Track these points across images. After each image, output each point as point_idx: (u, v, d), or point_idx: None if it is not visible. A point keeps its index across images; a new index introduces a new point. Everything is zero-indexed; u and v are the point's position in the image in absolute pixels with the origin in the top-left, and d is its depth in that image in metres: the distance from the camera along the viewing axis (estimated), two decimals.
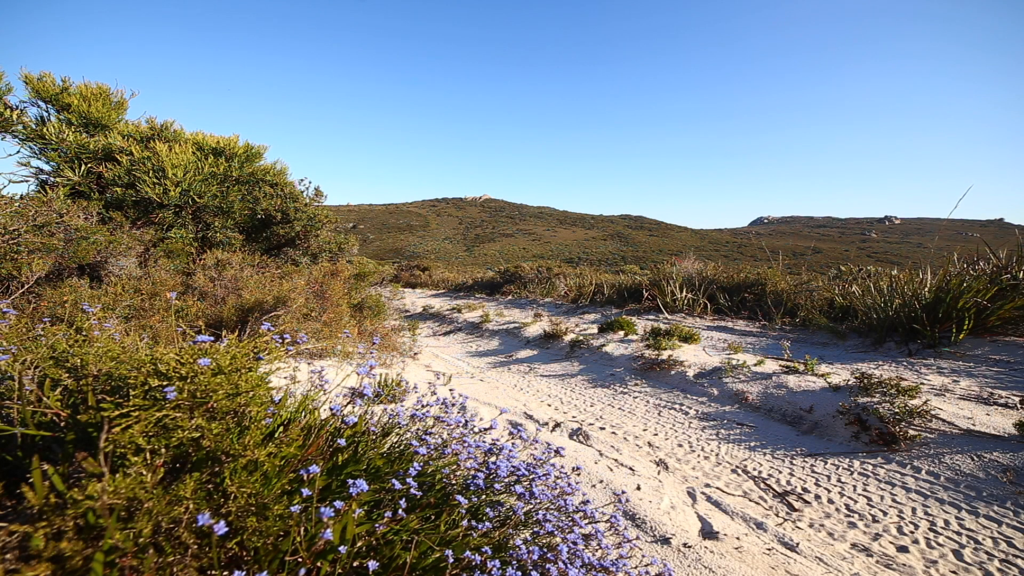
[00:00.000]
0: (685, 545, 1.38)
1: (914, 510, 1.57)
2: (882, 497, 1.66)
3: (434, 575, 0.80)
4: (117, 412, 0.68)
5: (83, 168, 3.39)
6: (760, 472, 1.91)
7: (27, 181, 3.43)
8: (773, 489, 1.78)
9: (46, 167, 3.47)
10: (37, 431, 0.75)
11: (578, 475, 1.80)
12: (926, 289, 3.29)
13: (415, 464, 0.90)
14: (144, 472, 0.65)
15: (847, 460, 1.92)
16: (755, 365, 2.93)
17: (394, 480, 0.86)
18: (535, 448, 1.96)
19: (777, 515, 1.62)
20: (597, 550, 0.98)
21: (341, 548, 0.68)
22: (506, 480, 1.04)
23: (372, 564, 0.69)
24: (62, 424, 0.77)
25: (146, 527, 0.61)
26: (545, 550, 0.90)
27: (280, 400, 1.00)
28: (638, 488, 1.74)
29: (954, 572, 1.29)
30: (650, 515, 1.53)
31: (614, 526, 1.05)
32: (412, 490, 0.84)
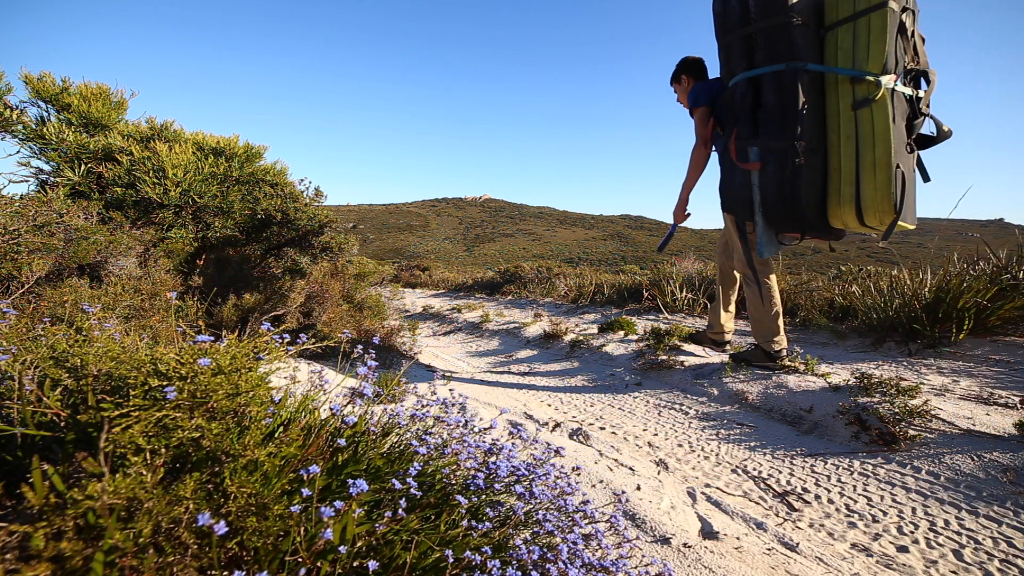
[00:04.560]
0: (685, 545, 1.38)
1: (914, 510, 1.57)
2: (882, 497, 1.66)
3: (434, 575, 0.80)
4: (117, 412, 0.68)
5: (83, 168, 3.39)
6: (760, 472, 1.91)
7: (27, 181, 3.43)
8: (773, 489, 1.78)
9: (46, 167, 3.47)
10: (37, 431, 0.75)
11: (578, 475, 1.80)
12: (926, 289, 3.28)
13: (415, 464, 0.90)
14: (144, 472, 0.65)
15: (847, 460, 1.92)
16: None
17: (394, 480, 0.86)
18: (535, 448, 1.96)
19: (777, 515, 1.62)
20: (597, 550, 0.98)
21: (341, 548, 0.68)
22: (506, 480, 1.04)
23: (372, 564, 0.69)
24: (62, 424, 0.77)
25: (146, 527, 0.61)
26: (545, 550, 0.90)
27: (280, 400, 1.00)
28: (638, 488, 1.74)
29: (954, 572, 1.29)
30: (650, 515, 1.53)
31: (614, 526, 1.05)
32: (412, 490, 0.84)
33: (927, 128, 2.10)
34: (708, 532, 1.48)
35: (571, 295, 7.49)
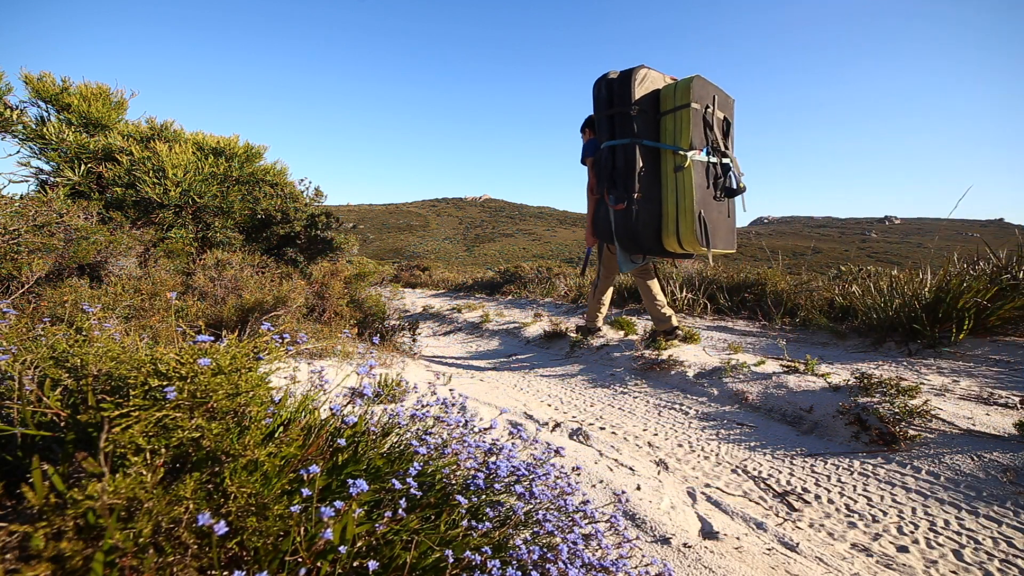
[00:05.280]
0: (685, 545, 1.38)
1: (914, 510, 1.57)
2: (882, 497, 1.66)
3: (434, 575, 0.80)
4: (117, 412, 0.68)
5: (83, 168, 3.39)
6: (760, 472, 1.91)
7: (27, 181, 3.43)
8: (773, 489, 1.78)
9: (46, 167, 3.47)
10: (37, 431, 0.75)
11: (578, 475, 1.80)
12: (926, 289, 3.28)
13: (415, 464, 0.90)
14: (144, 472, 0.65)
15: (847, 460, 1.92)
16: (755, 365, 2.93)
17: (394, 480, 0.86)
18: (535, 448, 1.97)
19: (777, 515, 1.62)
20: (597, 550, 0.98)
21: (341, 548, 0.68)
22: (506, 480, 1.04)
23: (372, 564, 0.69)
24: (62, 424, 0.77)
25: (146, 527, 0.61)
26: (545, 550, 0.90)
27: (280, 400, 1.00)
28: (638, 488, 1.74)
29: (954, 572, 1.29)
30: (650, 515, 1.53)
31: (614, 526, 1.05)
32: (412, 490, 0.84)
33: (732, 183, 3.07)
34: (708, 532, 1.48)
35: (571, 295, 7.49)
